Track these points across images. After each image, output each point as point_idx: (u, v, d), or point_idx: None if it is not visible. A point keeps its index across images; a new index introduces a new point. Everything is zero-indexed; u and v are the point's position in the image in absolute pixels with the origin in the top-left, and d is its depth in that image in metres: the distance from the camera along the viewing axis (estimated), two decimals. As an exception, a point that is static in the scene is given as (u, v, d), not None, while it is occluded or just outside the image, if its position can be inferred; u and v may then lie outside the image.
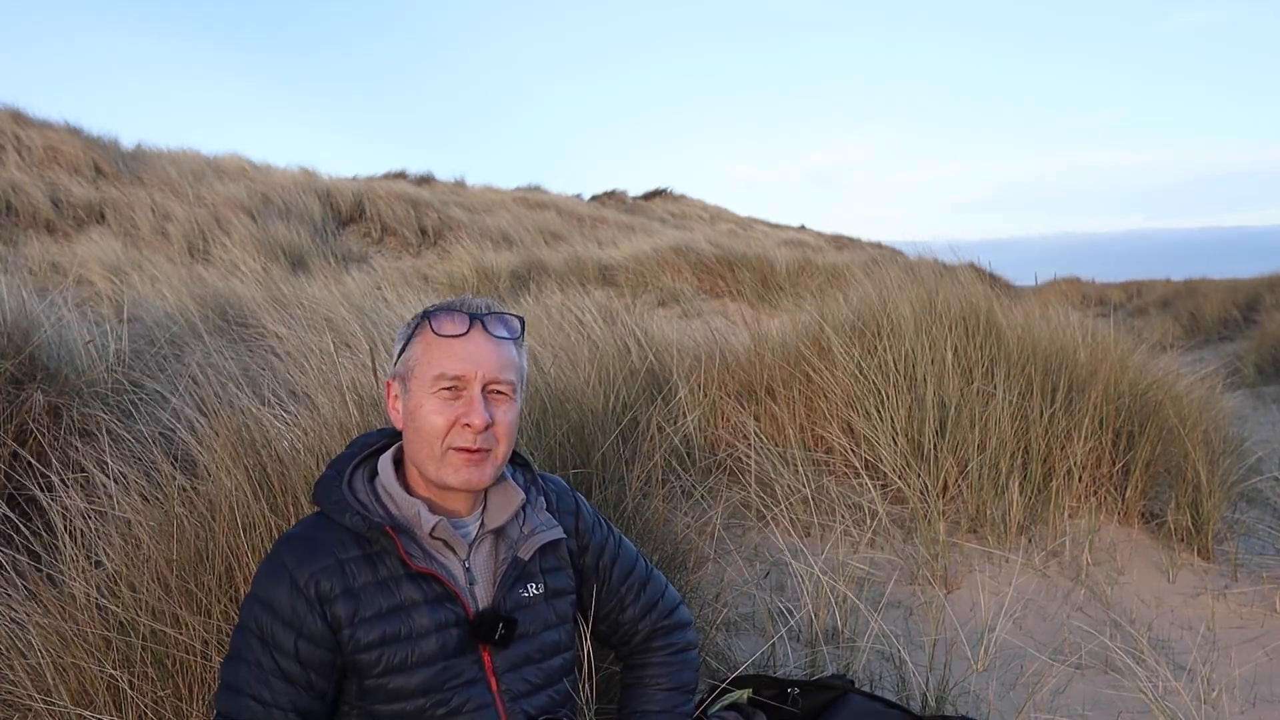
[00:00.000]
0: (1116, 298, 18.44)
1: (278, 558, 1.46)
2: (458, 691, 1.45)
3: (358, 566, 1.46)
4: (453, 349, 1.48)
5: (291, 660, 1.41)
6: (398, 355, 1.54)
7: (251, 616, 1.44)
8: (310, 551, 1.45)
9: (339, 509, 1.48)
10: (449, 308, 1.52)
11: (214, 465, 2.19)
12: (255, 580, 1.47)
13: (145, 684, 1.84)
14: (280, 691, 1.41)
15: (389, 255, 11.96)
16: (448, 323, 1.49)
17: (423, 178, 18.40)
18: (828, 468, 3.48)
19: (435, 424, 1.47)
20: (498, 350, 1.50)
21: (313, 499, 1.54)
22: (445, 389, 1.47)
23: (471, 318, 1.50)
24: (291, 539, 1.49)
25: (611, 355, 3.68)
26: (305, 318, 3.88)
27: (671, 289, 9.87)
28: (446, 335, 1.48)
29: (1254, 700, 2.52)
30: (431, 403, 1.47)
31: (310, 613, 1.42)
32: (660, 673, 1.71)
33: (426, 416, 1.47)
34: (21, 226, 10.14)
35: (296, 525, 1.54)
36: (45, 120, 13.50)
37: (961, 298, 3.95)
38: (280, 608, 1.42)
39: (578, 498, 1.72)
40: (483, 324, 1.50)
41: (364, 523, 1.46)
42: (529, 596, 1.55)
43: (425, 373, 1.48)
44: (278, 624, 1.42)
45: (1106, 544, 3.28)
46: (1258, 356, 9.33)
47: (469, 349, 1.48)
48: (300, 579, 1.42)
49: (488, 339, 1.50)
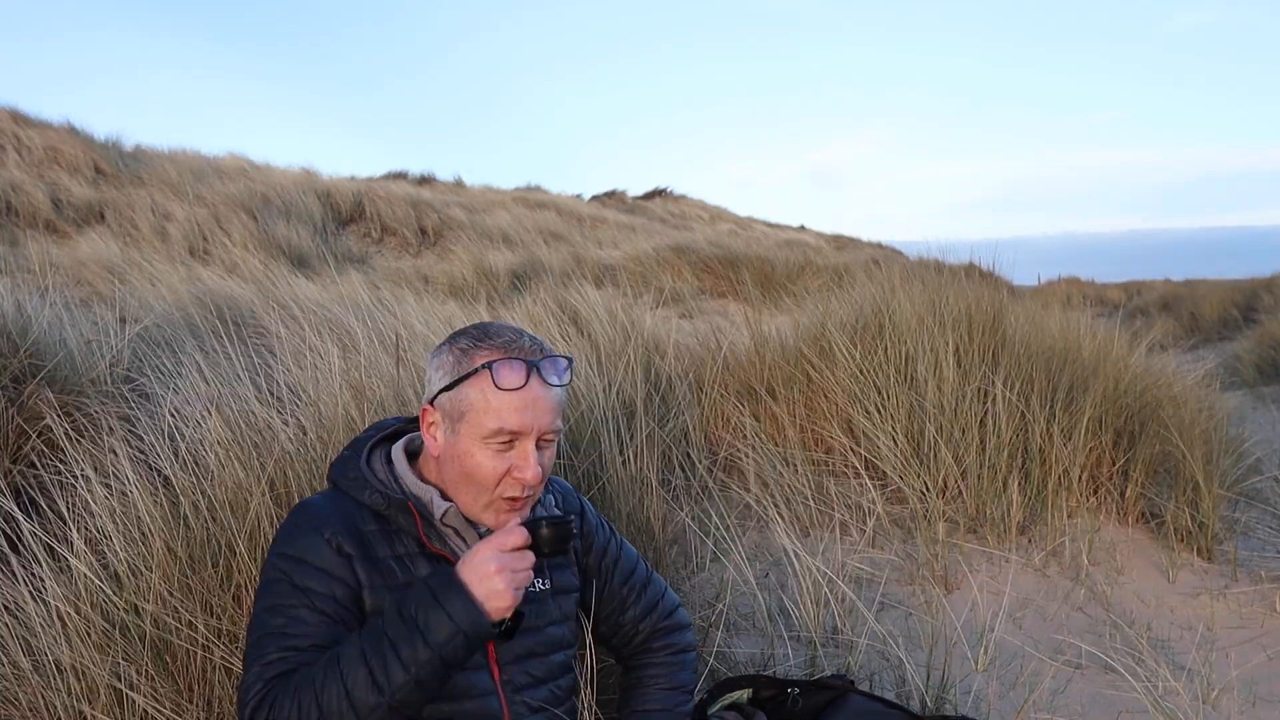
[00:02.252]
0: (1116, 297, 18.45)
1: (298, 519, 1.47)
2: (461, 675, 1.46)
3: (375, 539, 1.47)
4: (511, 402, 1.45)
5: (327, 599, 1.41)
6: (442, 388, 1.49)
7: (277, 569, 1.43)
8: (330, 514, 1.47)
9: (357, 485, 1.50)
10: (506, 354, 1.47)
11: (217, 463, 2.20)
12: (278, 540, 1.47)
13: (146, 682, 1.84)
14: (317, 625, 1.39)
15: (389, 255, 11.96)
16: (508, 374, 1.45)
17: (423, 178, 18.41)
18: (828, 467, 3.48)
19: (487, 475, 1.46)
20: (552, 399, 1.48)
21: (329, 476, 1.55)
22: (501, 442, 1.46)
23: (529, 366, 1.46)
24: (308, 504, 1.52)
25: (611, 354, 3.68)
26: (304, 318, 3.88)
27: (671, 289, 9.86)
28: (507, 389, 1.45)
29: (1254, 700, 2.52)
30: (485, 452, 1.46)
31: (339, 562, 1.43)
32: (660, 673, 1.73)
33: (479, 465, 1.46)
34: (21, 226, 10.14)
35: (312, 496, 1.56)
36: (45, 120, 13.50)
37: (961, 297, 3.95)
38: (309, 555, 1.42)
39: (582, 500, 1.76)
40: (539, 371, 1.47)
41: (384, 500, 1.49)
42: (535, 591, 1.57)
43: (482, 422, 1.45)
44: (308, 569, 1.42)
45: (1106, 544, 3.28)
46: (1257, 356, 9.32)
47: (528, 401, 1.45)
48: (326, 534, 1.44)
49: (543, 388, 1.47)
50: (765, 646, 2.51)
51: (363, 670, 1.30)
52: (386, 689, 1.30)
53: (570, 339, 4.03)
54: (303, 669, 1.34)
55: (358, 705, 1.29)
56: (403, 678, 1.30)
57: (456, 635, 1.32)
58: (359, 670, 1.30)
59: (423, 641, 1.31)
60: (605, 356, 3.64)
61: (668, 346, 4.09)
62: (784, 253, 11.50)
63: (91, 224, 10.55)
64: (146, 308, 4.79)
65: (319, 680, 1.31)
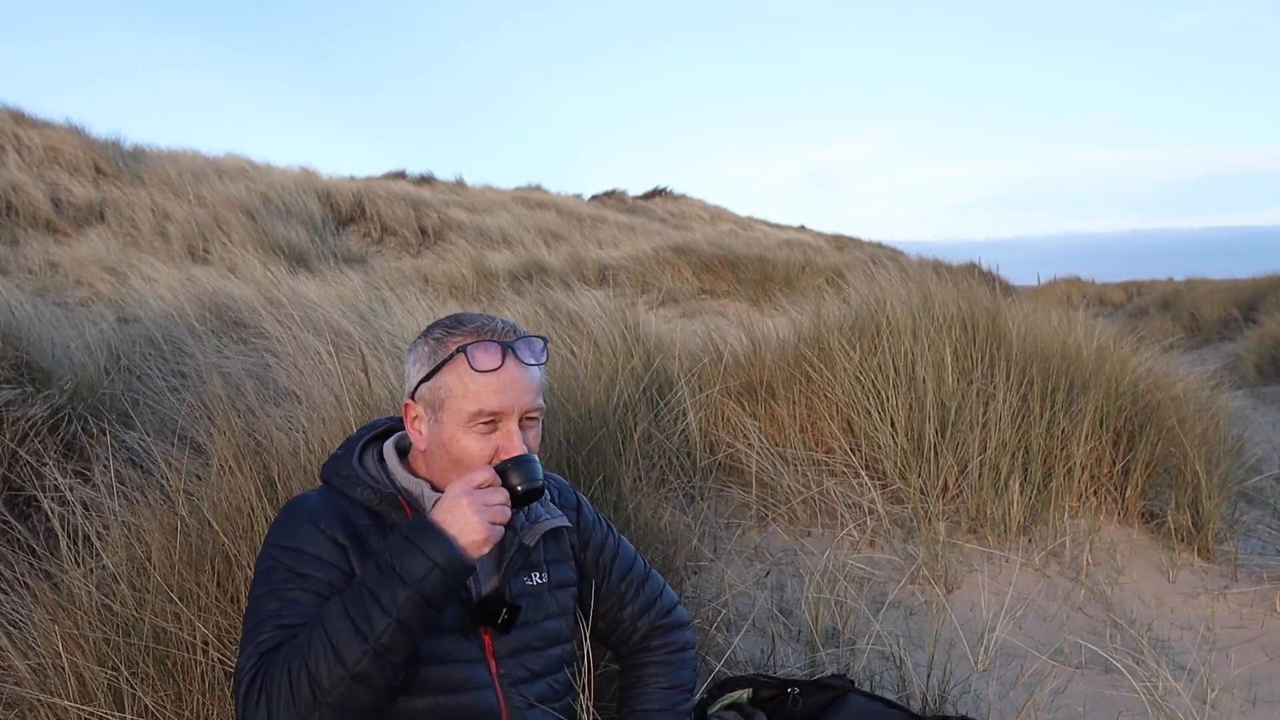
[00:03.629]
0: (1117, 298, 18.45)
1: (294, 512, 1.49)
2: (458, 667, 1.47)
3: (369, 533, 1.48)
4: (490, 384, 1.45)
5: (323, 583, 1.41)
6: (420, 379, 1.50)
7: (272, 558, 1.44)
8: (325, 508, 1.48)
9: (350, 483, 1.52)
10: (479, 338, 1.48)
11: (216, 465, 2.19)
12: (273, 533, 1.47)
13: (145, 684, 1.84)
14: (309, 604, 1.39)
15: (389, 255, 11.96)
16: (483, 356, 1.46)
17: (422, 178, 18.40)
18: (828, 468, 3.48)
19: (475, 459, 1.46)
20: (530, 379, 1.49)
21: (321, 474, 1.56)
22: (484, 424, 1.46)
23: (503, 347, 1.47)
24: (303, 499, 1.53)
25: (611, 354, 3.68)
26: (304, 319, 3.88)
27: (671, 289, 9.87)
28: (483, 370, 1.45)
29: (1254, 700, 2.52)
30: (470, 437, 1.46)
31: (336, 551, 1.44)
32: (659, 672, 1.72)
33: (465, 450, 1.46)
34: (21, 226, 10.14)
35: (303, 493, 1.57)
36: (45, 120, 13.49)
37: (961, 298, 3.95)
38: (304, 543, 1.43)
39: (579, 496, 1.75)
40: (514, 352, 1.48)
41: (375, 495, 1.50)
42: (532, 585, 1.57)
43: (462, 407, 1.46)
44: (304, 556, 1.42)
45: (1106, 544, 3.28)
46: (1258, 356, 9.32)
47: (505, 381, 1.46)
48: (321, 524, 1.45)
49: (520, 368, 1.48)
50: (765, 646, 2.50)
51: (346, 623, 1.31)
52: (370, 635, 1.30)
53: (571, 339, 4.03)
54: (291, 640, 1.35)
55: (344, 657, 1.30)
56: (384, 621, 1.31)
57: (433, 571, 1.32)
58: (342, 624, 1.31)
59: (399, 581, 1.31)
60: (605, 357, 3.64)
61: (667, 346, 4.09)
62: (784, 253, 11.50)
63: (92, 224, 10.55)
64: (146, 308, 4.79)
65: (305, 643, 1.32)
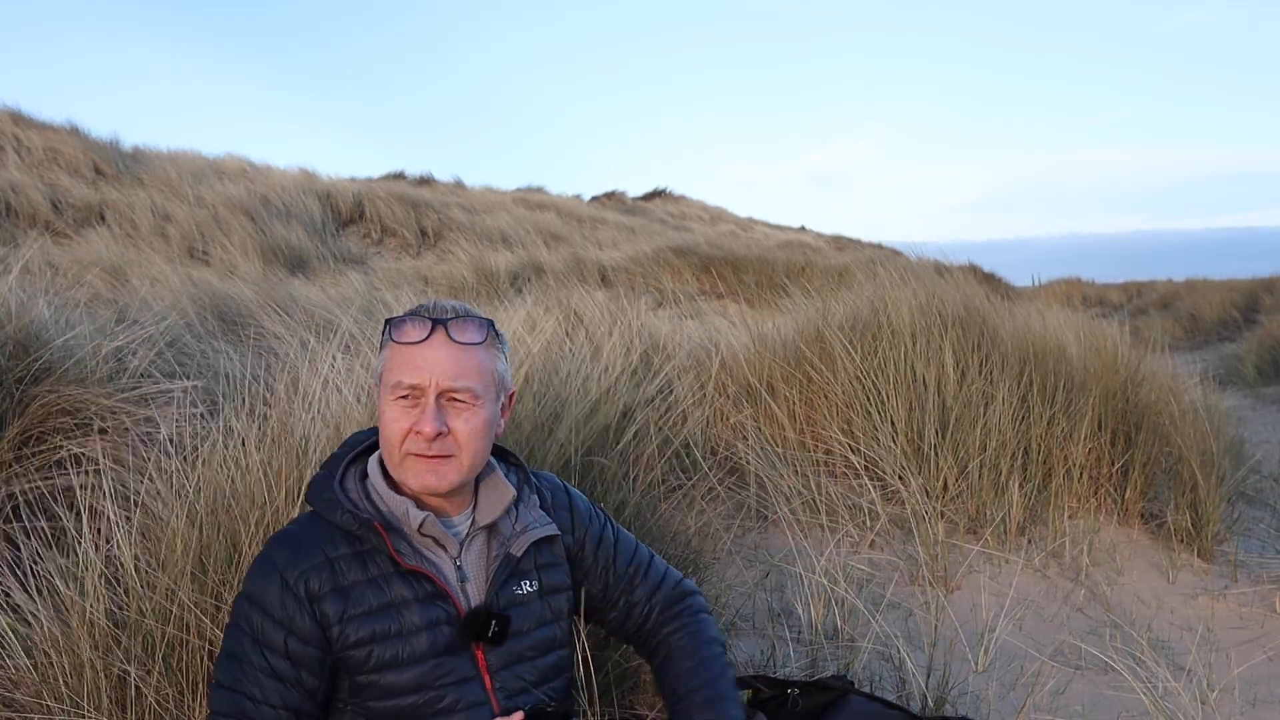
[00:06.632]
0: (1117, 298, 18.46)
1: (268, 556, 1.48)
2: (451, 689, 1.46)
3: (347, 564, 1.47)
4: (410, 357, 1.46)
5: (282, 658, 1.42)
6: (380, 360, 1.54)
7: (243, 614, 1.45)
8: (300, 550, 1.47)
9: (329, 507, 1.49)
10: (414, 313, 1.49)
11: (216, 466, 2.19)
12: (247, 579, 1.48)
13: (151, 681, 1.84)
14: (271, 689, 1.42)
15: (389, 256, 11.96)
16: (409, 329, 1.46)
17: (422, 179, 18.39)
18: (828, 468, 3.48)
19: (393, 431, 1.47)
20: (458, 357, 1.46)
21: (305, 497, 1.54)
22: (402, 397, 1.46)
23: (434, 323, 1.46)
24: (282, 537, 1.51)
25: (611, 355, 3.68)
26: (303, 319, 3.88)
27: (672, 289, 9.87)
28: (405, 342, 1.46)
29: (1254, 701, 2.52)
30: (392, 410, 1.46)
31: (300, 610, 1.43)
32: (686, 636, 1.67)
33: (387, 424, 1.47)
34: (22, 227, 10.14)
35: (290, 524, 1.56)
36: (45, 121, 13.49)
37: (960, 299, 3.95)
38: (270, 606, 1.43)
39: (570, 492, 1.71)
40: (445, 329, 1.46)
41: (354, 520, 1.47)
42: (522, 594, 1.54)
43: (387, 379, 1.47)
44: (268, 622, 1.43)
45: (1106, 545, 3.28)
46: (1257, 357, 9.33)
47: (426, 356, 1.45)
48: (290, 577, 1.44)
49: (448, 345, 1.46)
50: (766, 647, 2.51)
51: None
52: None
53: (570, 340, 4.03)
54: None
55: None
56: None
57: None
58: None
59: None
60: (605, 357, 3.63)
61: (667, 347, 4.09)
62: (784, 254, 11.51)
63: (91, 225, 10.55)
64: (146, 308, 4.79)
65: None
